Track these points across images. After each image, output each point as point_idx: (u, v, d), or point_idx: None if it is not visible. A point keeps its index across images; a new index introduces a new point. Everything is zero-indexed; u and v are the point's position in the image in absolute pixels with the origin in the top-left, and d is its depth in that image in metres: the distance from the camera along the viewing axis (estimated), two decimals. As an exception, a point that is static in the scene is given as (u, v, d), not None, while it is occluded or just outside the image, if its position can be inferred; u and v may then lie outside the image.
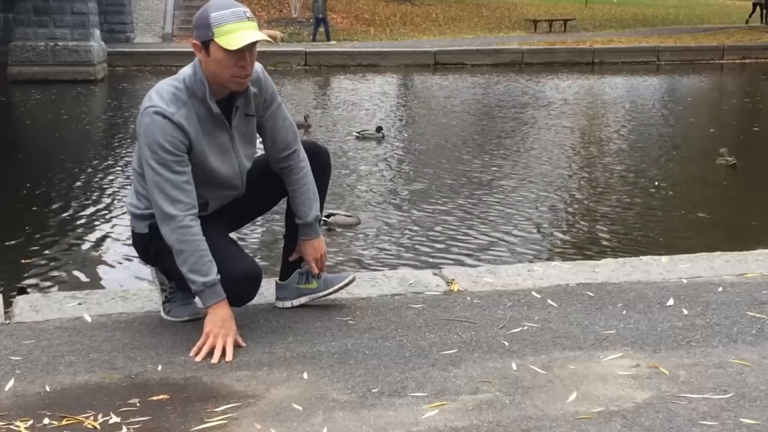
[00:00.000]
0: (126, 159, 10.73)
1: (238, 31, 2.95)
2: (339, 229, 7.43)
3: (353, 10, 30.83)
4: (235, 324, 3.07)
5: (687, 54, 25.18)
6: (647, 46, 25.73)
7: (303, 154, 3.31)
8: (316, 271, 3.41)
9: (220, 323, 3.02)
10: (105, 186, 9.41)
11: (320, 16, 25.96)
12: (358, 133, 12.10)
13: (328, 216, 7.47)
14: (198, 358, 2.96)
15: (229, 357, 2.96)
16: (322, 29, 26.07)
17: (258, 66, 3.21)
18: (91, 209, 8.37)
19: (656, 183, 9.41)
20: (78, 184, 9.50)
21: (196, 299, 3.30)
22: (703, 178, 9.95)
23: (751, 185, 9.62)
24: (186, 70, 3.09)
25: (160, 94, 3.02)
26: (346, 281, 3.47)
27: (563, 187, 9.39)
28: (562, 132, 13.17)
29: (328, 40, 25.96)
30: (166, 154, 2.97)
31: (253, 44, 2.99)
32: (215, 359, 2.95)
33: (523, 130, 13.37)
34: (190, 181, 3.03)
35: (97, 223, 7.92)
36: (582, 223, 7.96)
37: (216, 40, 2.96)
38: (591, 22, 32.96)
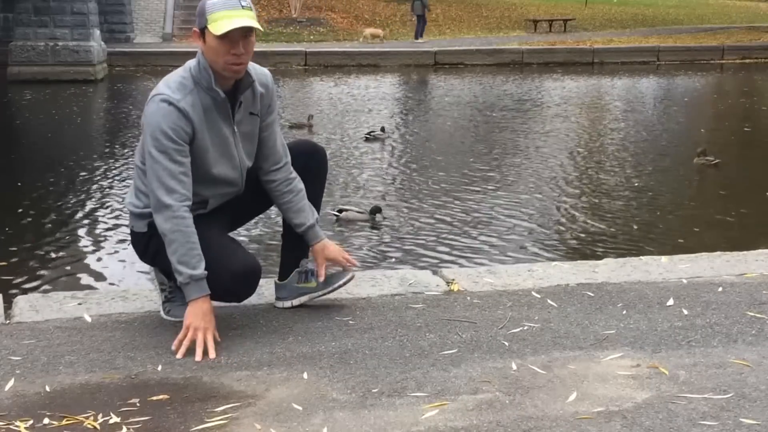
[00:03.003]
0: (126, 158, 10.73)
1: (228, 18, 2.98)
2: (349, 225, 7.51)
3: (353, 10, 30.83)
4: (214, 319, 3.07)
5: (687, 54, 25.20)
6: (647, 46, 25.74)
7: (291, 167, 3.34)
8: (321, 275, 3.42)
9: (200, 316, 3.02)
10: (105, 186, 9.41)
11: (420, 13, 26.18)
12: (368, 134, 12.12)
13: (339, 211, 7.64)
14: (179, 355, 2.96)
15: (212, 354, 2.96)
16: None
17: (267, 72, 3.28)
18: (92, 209, 8.37)
19: (637, 184, 9.47)
20: (77, 183, 9.50)
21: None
22: (692, 177, 10.02)
23: (735, 184, 9.65)
24: (192, 61, 3.13)
25: (167, 83, 3.07)
26: (344, 280, 3.46)
27: (562, 186, 9.40)
28: (560, 132, 13.18)
29: (418, 38, 26.17)
30: (168, 141, 2.99)
31: (247, 33, 3.03)
32: (198, 356, 2.94)
33: (522, 130, 13.38)
34: (188, 173, 3.05)
35: (97, 222, 7.92)
36: (582, 223, 7.96)
37: (209, 26, 3.01)
38: (591, 22, 32.95)
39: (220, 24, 2.98)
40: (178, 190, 3.01)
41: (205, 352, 2.98)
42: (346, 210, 7.71)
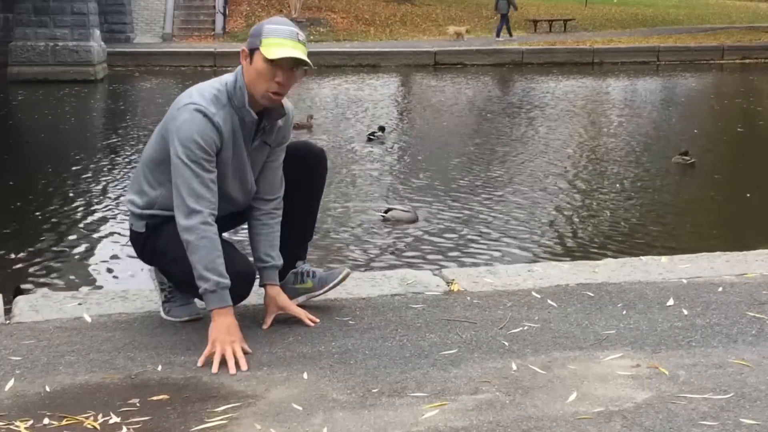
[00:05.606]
0: (125, 158, 10.73)
1: (283, 46, 3.03)
2: (397, 224, 7.56)
3: (353, 10, 30.81)
4: (240, 332, 3.02)
5: (687, 54, 25.18)
6: (647, 46, 25.73)
7: (282, 202, 3.33)
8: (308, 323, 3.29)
9: (225, 330, 2.97)
10: (105, 185, 9.41)
11: (505, 12, 26.51)
12: (369, 135, 12.12)
13: (386, 211, 7.69)
14: (214, 369, 2.88)
15: (243, 366, 2.90)
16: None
17: (290, 106, 3.31)
18: (93, 209, 8.37)
19: (621, 184, 9.48)
20: (78, 183, 9.50)
21: (196, 299, 3.32)
22: (671, 176, 10.06)
23: (709, 184, 9.69)
24: (228, 77, 3.15)
25: (202, 94, 3.07)
26: (340, 277, 3.45)
27: (562, 187, 9.40)
28: (560, 133, 13.19)
29: (498, 36, 26.46)
30: (200, 151, 3.00)
31: (294, 66, 3.07)
32: (231, 370, 2.87)
33: (522, 130, 13.39)
34: (215, 181, 3.07)
35: (98, 223, 7.91)
36: (582, 223, 7.96)
37: (261, 48, 3.03)
38: (591, 22, 32.95)
39: (274, 50, 3.01)
40: (207, 197, 3.02)
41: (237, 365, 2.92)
42: (393, 209, 7.75)
